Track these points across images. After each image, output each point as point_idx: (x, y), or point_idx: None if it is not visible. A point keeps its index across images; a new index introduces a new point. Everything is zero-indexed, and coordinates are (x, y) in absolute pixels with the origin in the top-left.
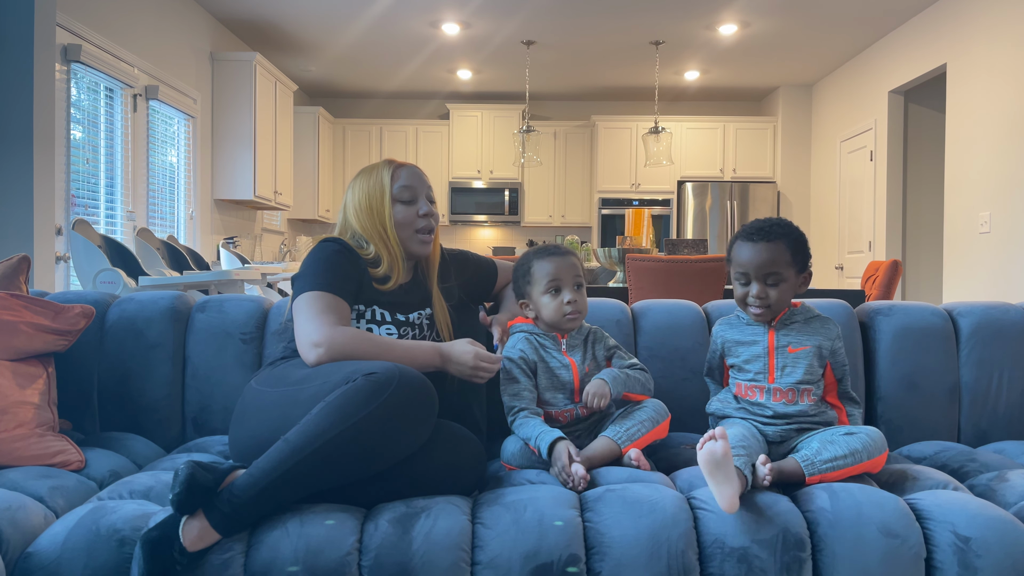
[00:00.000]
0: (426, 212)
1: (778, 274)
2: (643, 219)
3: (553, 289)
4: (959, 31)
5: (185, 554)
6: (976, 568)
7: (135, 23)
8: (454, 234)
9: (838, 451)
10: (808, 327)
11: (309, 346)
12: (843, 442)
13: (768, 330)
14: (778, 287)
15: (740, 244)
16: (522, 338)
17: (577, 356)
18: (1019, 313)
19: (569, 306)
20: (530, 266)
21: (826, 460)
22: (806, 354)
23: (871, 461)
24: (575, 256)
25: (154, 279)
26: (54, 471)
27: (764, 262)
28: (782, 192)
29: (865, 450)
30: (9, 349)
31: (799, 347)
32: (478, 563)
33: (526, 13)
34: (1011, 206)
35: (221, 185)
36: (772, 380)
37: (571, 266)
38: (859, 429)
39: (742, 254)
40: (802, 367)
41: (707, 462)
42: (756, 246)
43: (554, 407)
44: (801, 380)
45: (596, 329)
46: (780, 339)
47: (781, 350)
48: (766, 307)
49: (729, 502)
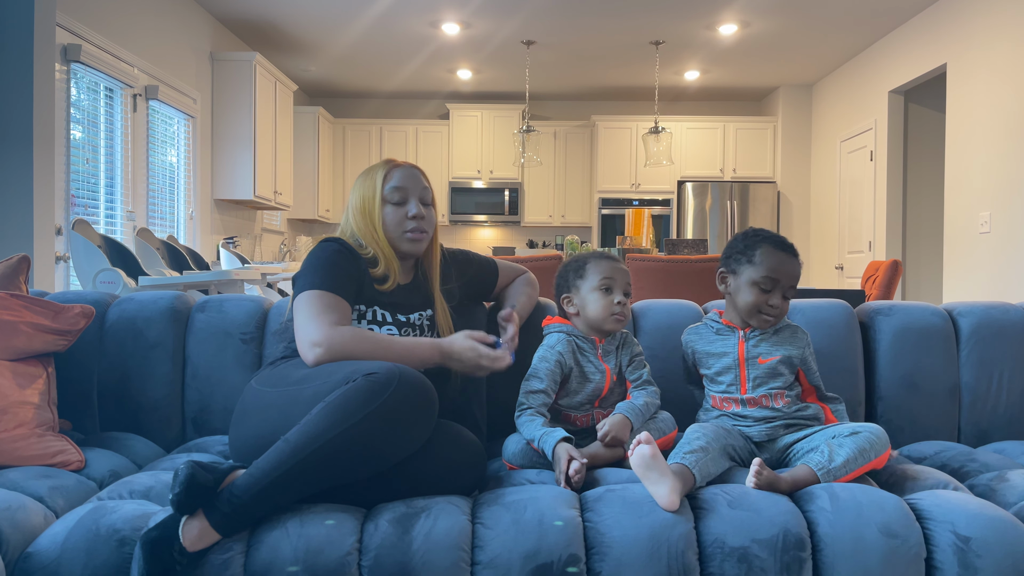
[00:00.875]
0: (415, 214)
1: (794, 288)
2: (643, 219)
3: (605, 287)
4: (959, 31)
5: (185, 554)
6: (976, 568)
7: (135, 23)
8: (454, 234)
9: (849, 453)
10: (777, 336)
11: (309, 345)
12: (850, 443)
13: (738, 340)
14: (789, 300)
15: (772, 251)
16: (563, 339)
17: (611, 362)
18: (1019, 313)
19: (619, 307)
20: (586, 261)
21: (840, 465)
22: (776, 363)
23: (878, 459)
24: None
25: (154, 279)
26: (54, 471)
27: (793, 275)
28: (782, 192)
29: (872, 449)
30: (9, 349)
31: (769, 357)
32: (478, 563)
33: (526, 13)
34: (1011, 206)
35: (221, 185)
36: (744, 392)
37: (625, 273)
38: (862, 427)
39: (775, 260)
40: (772, 377)
41: (638, 465)
42: (792, 259)
43: (576, 411)
44: (772, 387)
45: (627, 334)
46: (750, 350)
47: (751, 361)
48: (777, 317)
49: (667, 500)
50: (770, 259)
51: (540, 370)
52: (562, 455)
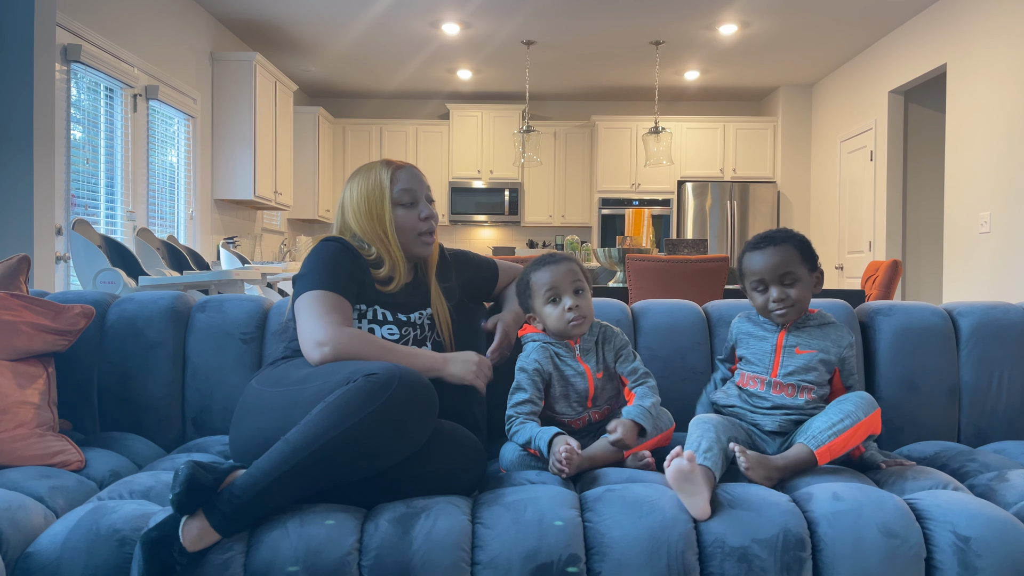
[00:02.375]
0: (427, 215)
1: (792, 273)
2: (643, 219)
3: (553, 298)
4: (959, 31)
5: (185, 554)
6: (976, 568)
7: (135, 23)
8: (454, 234)
9: (833, 418)
10: (819, 331)
11: (313, 345)
12: (834, 409)
13: (779, 331)
14: (795, 286)
15: (749, 255)
16: (537, 347)
17: (591, 361)
18: (1019, 313)
19: (571, 312)
20: (528, 279)
21: (824, 428)
22: (811, 357)
23: (868, 418)
24: (573, 261)
25: (154, 279)
26: (54, 471)
27: (776, 264)
28: (782, 192)
29: (858, 408)
30: (9, 349)
31: (806, 350)
32: (478, 563)
33: (526, 13)
34: (1011, 206)
35: (221, 185)
36: (775, 375)
37: (567, 272)
38: (845, 396)
39: (753, 263)
40: (805, 368)
41: (676, 479)
42: (765, 251)
43: (568, 415)
44: (802, 379)
45: (606, 327)
46: (789, 339)
47: (788, 350)
48: (789, 307)
49: (701, 511)
50: (750, 263)
51: (521, 381)
52: (558, 445)
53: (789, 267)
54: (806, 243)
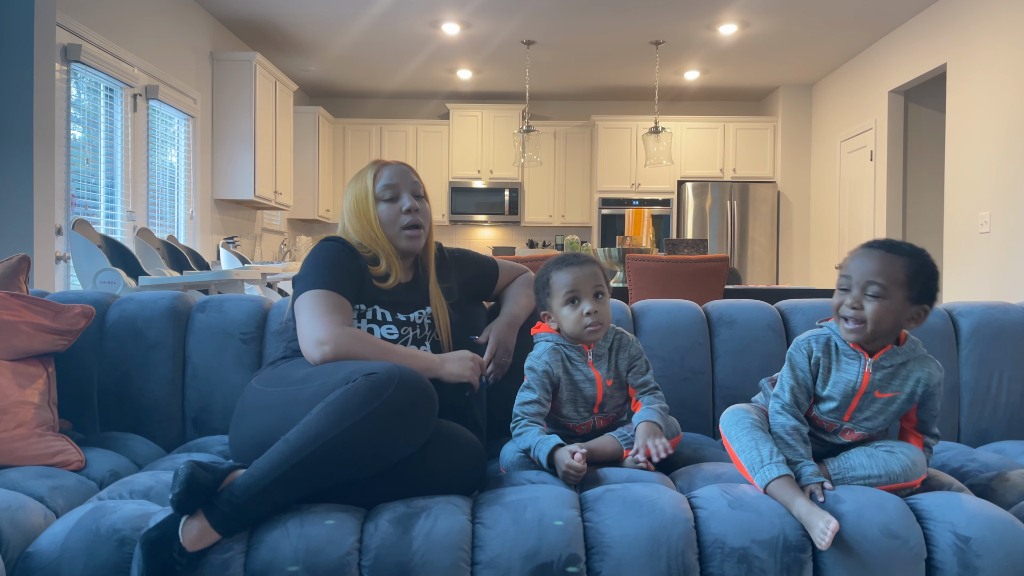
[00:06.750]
0: (408, 207)
1: (882, 287)
2: (643, 219)
3: (572, 300)
4: (959, 31)
5: (185, 554)
6: (976, 568)
7: (135, 23)
8: (454, 234)
9: (872, 469)
10: (905, 368)
11: (314, 344)
12: (881, 459)
13: (864, 369)
14: (877, 302)
15: (856, 251)
16: (549, 349)
17: (603, 368)
18: (1019, 313)
19: (589, 317)
20: (548, 277)
21: (858, 477)
22: (894, 400)
23: (905, 484)
24: (596, 264)
25: (154, 279)
26: (54, 471)
27: (870, 270)
28: (782, 192)
29: (904, 474)
30: (9, 349)
31: (887, 392)
32: (478, 563)
33: (526, 13)
34: (1011, 206)
35: (221, 185)
36: (847, 419)
37: (590, 275)
38: (900, 447)
39: (853, 260)
40: (884, 416)
41: (831, 541)
42: (872, 253)
43: (573, 420)
44: (875, 426)
45: (621, 334)
46: (873, 382)
47: (868, 395)
48: (860, 323)
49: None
50: (849, 260)
51: (530, 381)
52: (562, 456)
53: (880, 278)
54: (927, 268)
